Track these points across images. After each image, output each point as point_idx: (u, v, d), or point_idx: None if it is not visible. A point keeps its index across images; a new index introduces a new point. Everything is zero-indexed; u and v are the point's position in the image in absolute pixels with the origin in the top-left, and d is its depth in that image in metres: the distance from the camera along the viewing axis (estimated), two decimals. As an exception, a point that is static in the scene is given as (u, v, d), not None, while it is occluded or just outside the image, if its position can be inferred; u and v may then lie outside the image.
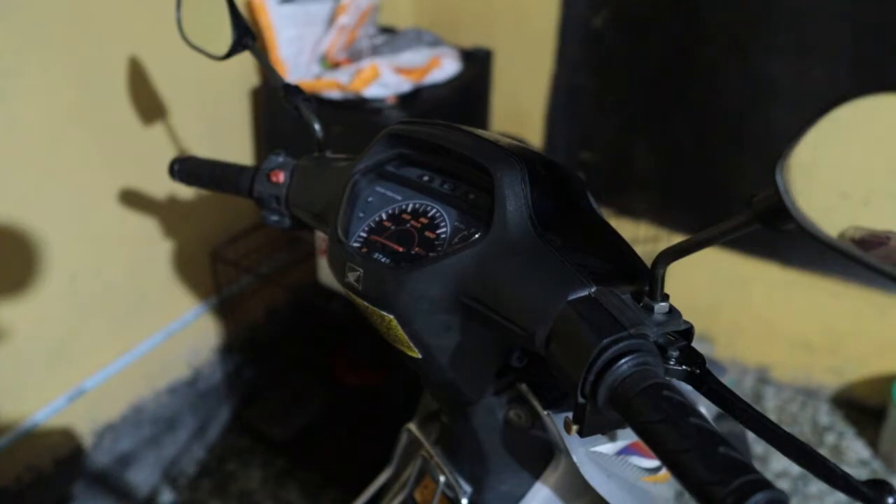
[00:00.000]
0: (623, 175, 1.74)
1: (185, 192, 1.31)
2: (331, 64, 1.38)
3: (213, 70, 1.16)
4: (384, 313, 0.55)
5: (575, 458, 0.54)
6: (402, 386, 0.99)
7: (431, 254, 0.54)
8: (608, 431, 0.45)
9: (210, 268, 1.42)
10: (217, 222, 1.42)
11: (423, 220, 0.57)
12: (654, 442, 0.37)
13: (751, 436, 1.26)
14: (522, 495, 0.62)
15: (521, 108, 1.77)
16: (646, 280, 0.44)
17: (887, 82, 0.30)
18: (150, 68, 1.17)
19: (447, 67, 1.41)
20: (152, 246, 1.31)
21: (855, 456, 1.64)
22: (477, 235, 0.53)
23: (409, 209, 0.58)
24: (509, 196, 0.50)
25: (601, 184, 1.76)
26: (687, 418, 0.36)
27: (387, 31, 1.55)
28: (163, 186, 1.27)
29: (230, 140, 1.41)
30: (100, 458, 1.34)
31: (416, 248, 0.55)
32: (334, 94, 1.29)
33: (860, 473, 1.52)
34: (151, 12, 1.15)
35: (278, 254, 1.52)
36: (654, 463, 0.61)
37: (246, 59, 0.78)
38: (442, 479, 0.66)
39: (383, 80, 1.27)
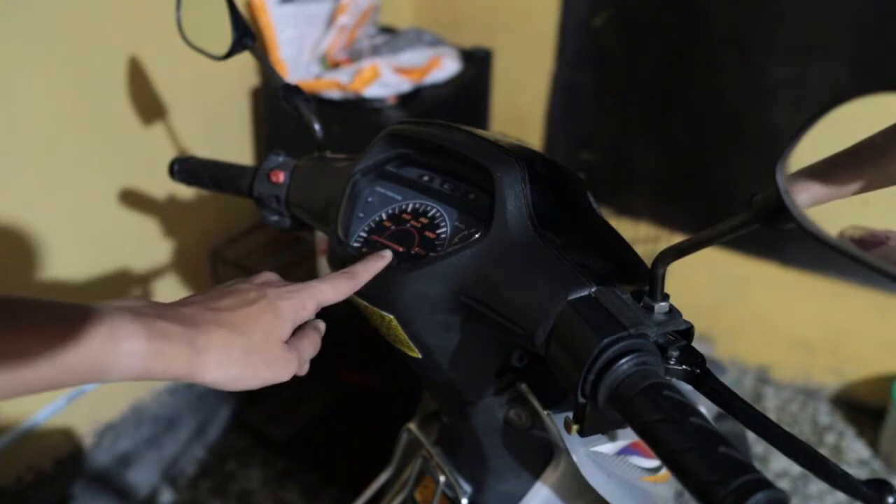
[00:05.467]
0: (623, 175, 1.74)
1: (185, 192, 1.31)
2: (331, 64, 1.38)
3: (213, 70, 1.16)
4: (384, 313, 0.55)
5: (575, 458, 0.54)
6: (402, 386, 0.99)
7: (431, 254, 0.54)
8: (608, 431, 0.45)
9: (210, 268, 1.42)
10: (217, 222, 1.42)
11: (423, 220, 0.57)
12: (655, 441, 0.37)
13: (751, 436, 1.26)
14: (522, 495, 0.62)
15: (521, 108, 1.77)
16: (646, 280, 0.44)
17: (887, 82, 0.30)
18: (150, 68, 1.17)
19: (447, 67, 1.41)
20: (152, 246, 1.31)
21: (855, 456, 1.64)
22: (477, 235, 0.53)
23: (410, 209, 0.58)
24: (509, 196, 0.50)
25: (601, 184, 1.76)
26: (687, 418, 0.36)
27: (387, 31, 1.55)
28: (163, 186, 1.27)
29: (230, 140, 1.41)
30: (100, 458, 1.34)
31: (417, 248, 0.55)
32: (334, 94, 1.29)
33: (860, 473, 1.52)
34: (151, 12, 1.15)
35: (278, 254, 1.52)
36: (654, 463, 0.61)
37: (246, 59, 0.78)
38: (442, 479, 0.66)
39: (383, 80, 1.27)
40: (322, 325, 0.52)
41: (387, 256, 0.54)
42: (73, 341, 0.38)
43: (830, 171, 0.34)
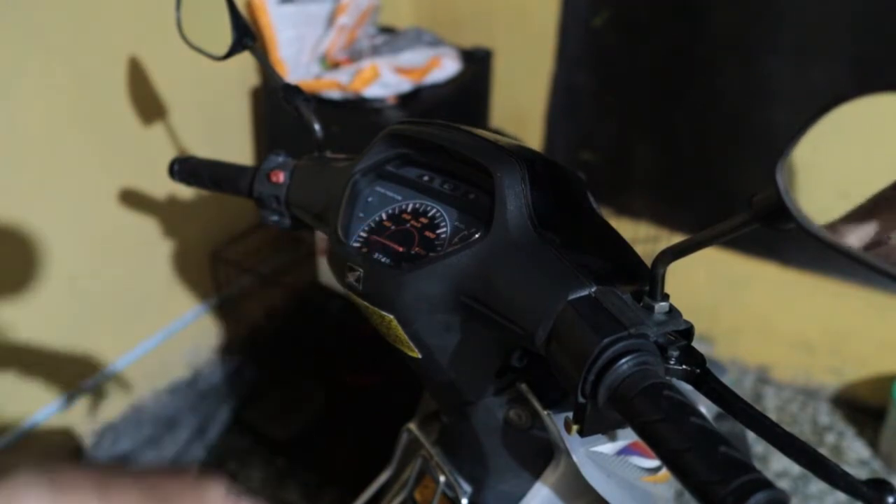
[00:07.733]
0: (623, 175, 1.74)
1: (185, 192, 1.31)
2: (331, 64, 1.38)
3: (213, 70, 1.16)
4: (384, 313, 0.55)
5: (575, 458, 0.54)
6: (402, 386, 0.99)
7: (431, 254, 0.54)
8: (608, 431, 0.45)
9: (210, 268, 1.42)
10: (217, 222, 1.42)
11: (423, 219, 0.57)
12: (655, 441, 0.37)
13: (751, 436, 1.26)
14: (522, 495, 0.62)
15: (521, 108, 1.77)
16: (646, 280, 0.44)
17: (887, 82, 0.30)
18: (150, 68, 1.17)
19: (447, 67, 1.41)
20: (152, 246, 1.31)
21: (855, 456, 1.64)
22: (477, 235, 0.53)
23: (410, 209, 0.58)
24: (509, 196, 0.50)
25: (601, 184, 1.76)
26: (687, 418, 0.36)
27: (387, 31, 1.55)
28: (163, 186, 1.27)
29: (230, 140, 1.41)
30: (100, 458, 1.34)
31: (417, 248, 0.55)
32: (334, 94, 1.29)
33: (860, 473, 1.52)
34: (151, 12, 1.15)
35: (278, 254, 1.52)
36: (654, 463, 0.61)
37: (246, 59, 0.78)
38: (442, 479, 0.66)
39: (383, 80, 1.27)
40: None
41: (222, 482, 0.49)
42: None
43: (878, 207, 0.33)
